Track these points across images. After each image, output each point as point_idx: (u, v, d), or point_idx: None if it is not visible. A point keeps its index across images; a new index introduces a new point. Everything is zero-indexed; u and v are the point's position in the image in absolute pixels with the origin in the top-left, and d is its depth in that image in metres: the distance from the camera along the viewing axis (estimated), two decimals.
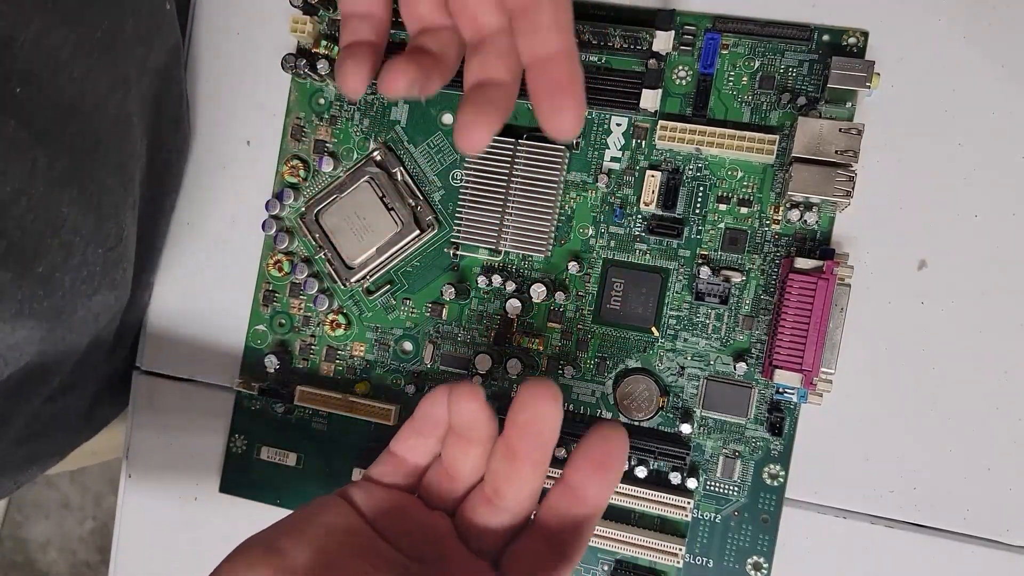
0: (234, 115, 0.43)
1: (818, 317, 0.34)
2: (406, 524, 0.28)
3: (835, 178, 0.34)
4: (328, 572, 0.25)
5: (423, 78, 0.28)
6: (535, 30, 0.27)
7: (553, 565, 0.26)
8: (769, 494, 0.37)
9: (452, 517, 0.29)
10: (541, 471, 0.27)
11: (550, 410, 0.26)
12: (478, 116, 0.27)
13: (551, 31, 0.27)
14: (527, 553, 0.27)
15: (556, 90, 0.27)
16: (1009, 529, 0.35)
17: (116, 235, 0.36)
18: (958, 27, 0.36)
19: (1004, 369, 0.35)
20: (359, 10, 0.31)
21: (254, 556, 0.26)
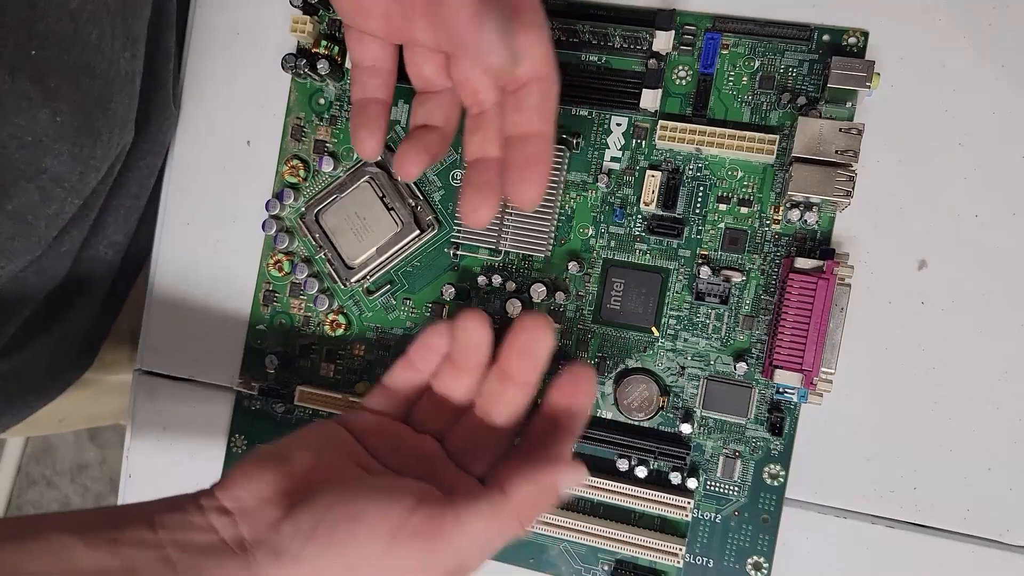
0: (234, 115, 0.43)
1: (818, 317, 0.34)
2: (397, 444, 0.31)
3: (835, 178, 0.34)
4: (325, 474, 0.29)
5: (432, 159, 0.32)
6: (521, 109, 0.30)
7: (534, 470, 0.28)
8: (769, 494, 0.37)
9: (441, 442, 0.32)
10: (528, 392, 0.31)
11: (544, 336, 0.30)
12: (482, 200, 0.31)
13: (534, 113, 0.30)
14: (510, 466, 0.29)
15: (527, 165, 0.30)
16: (1009, 529, 0.35)
17: (100, 190, 0.37)
18: (958, 27, 0.36)
19: (1004, 369, 0.35)
20: (367, 62, 0.33)
21: (263, 460, 0.29)
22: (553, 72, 0.31)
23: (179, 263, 0.43)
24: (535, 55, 0.30)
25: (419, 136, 0.32)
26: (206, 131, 0.43)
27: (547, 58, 0.30)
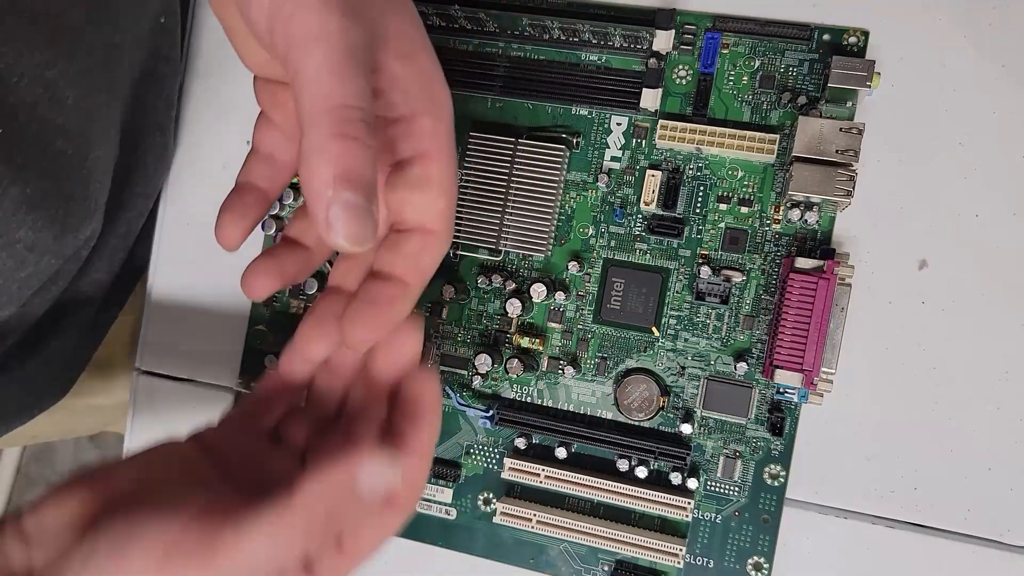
0: (234, 115, 0.43)
1: (819, 317, 0.34)
2: (252, 454, 0.28)
3: (836, 178, 0.34)
4: (147, 494, 0.25)
5: (287, 283, 0.29)
6: (394, 250, 0.27)
7: (321, 464, 0.24)
8: (770, 494, 0.37)
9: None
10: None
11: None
12: (320, 334, 0.28)
13: (406, 260, 0.27)
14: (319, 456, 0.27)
15: (369, 304, 0.27)
16: (1010, 529, 0.35)
17: (77, 254, 0.35)
18: (959, 27, 0.36)
19: (1005, 369, 0.35)
20: (265, 146, 0.30)
21: (77, 480, 0.26)
22: (445, 231, 0.27)
23: (179, 263, 0.43)
24: (424, 210, 0.27)
25: (278, 254, 0.29)
26: (206, 131, 0.43)
27: (441, 215, 0.27)
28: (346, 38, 0.23)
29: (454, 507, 0.40)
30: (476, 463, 0.40)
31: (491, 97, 0.40)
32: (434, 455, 0.40)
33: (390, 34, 0.26)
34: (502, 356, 0.39)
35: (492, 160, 0.38)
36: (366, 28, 0.24)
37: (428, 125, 0.27)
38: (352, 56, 0.24)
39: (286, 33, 0.24)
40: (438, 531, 0.40)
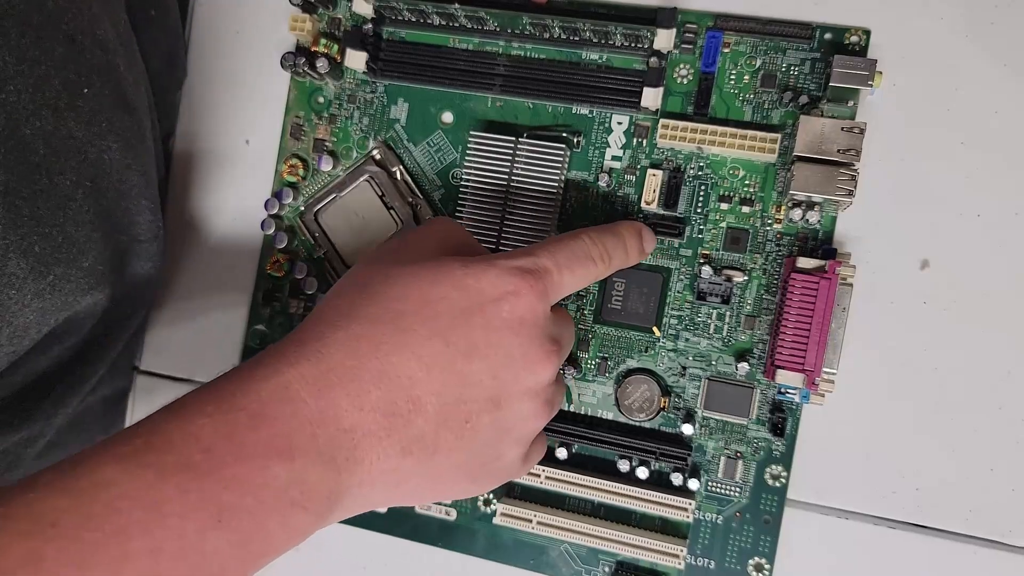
0: (233, 114, 0.43)
1: (820, 317, 0.34)
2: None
3: (837, 177, 0.34)
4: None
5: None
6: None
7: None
8: (771, 495, 0.37)
9: None
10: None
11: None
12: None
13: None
14: None
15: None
16: (1012, 530, 0.35)
17: (60, 284, 0.33)
18: (961, 25, 0.36)
19: (1007, 369, 0.35)
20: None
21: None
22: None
23: (178, 263, 0.43)
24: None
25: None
26: (205, 130, 0.43)
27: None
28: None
29: (454, 508, 0.40)
30: None
31: (491, 96, 0.39)
32: None
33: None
34: None
35: (492, 159, 0.38)
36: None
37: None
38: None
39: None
40: (438, 532, 0.40)
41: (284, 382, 0.26)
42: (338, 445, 0.26)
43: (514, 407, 0.29)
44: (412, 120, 0.40)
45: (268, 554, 0.25)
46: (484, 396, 0.28)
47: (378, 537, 0.40)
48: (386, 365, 0.27)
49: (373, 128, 0.41)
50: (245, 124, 0.42)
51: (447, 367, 0.28)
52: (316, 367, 0.26)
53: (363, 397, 0.26)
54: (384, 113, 0.41)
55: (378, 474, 0.27)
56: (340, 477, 0.26)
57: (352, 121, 0.41)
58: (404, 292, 0.28)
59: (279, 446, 0.25)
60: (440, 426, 0.28)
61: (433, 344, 0.27)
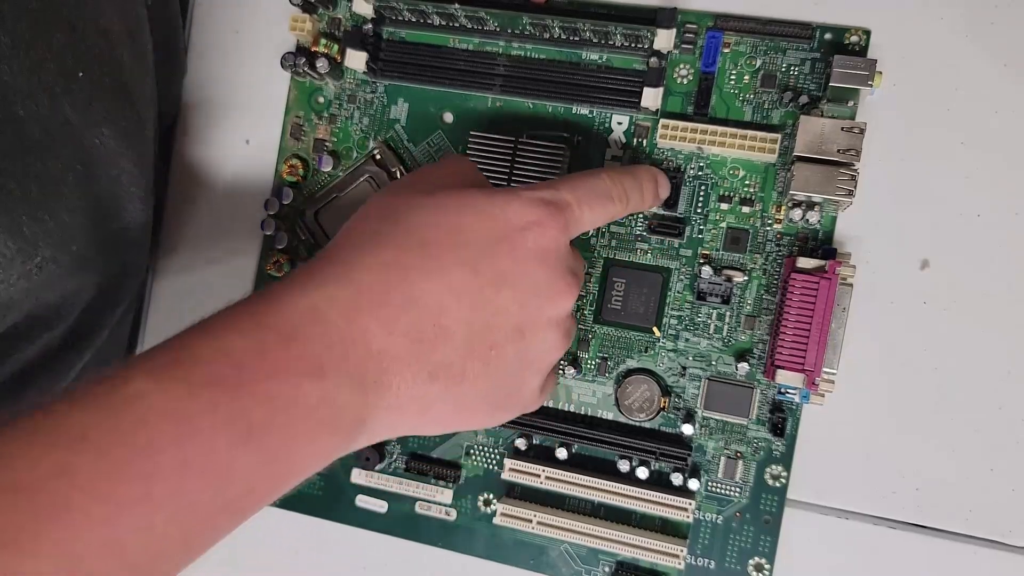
0: (233, 114, 0.43)
1: (820, 317, 0.34)
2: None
3: (837, 177, 0.34)
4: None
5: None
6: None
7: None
8: (771, 495, 0.37)
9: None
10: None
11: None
12: None
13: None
14: None
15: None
16: (1012, 530, 0.35)
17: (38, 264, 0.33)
18: (961, 25, 0.36)
19: (1007, 369, 0.35)
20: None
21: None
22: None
23: (178, 263, 0.43)
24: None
25: None
26: (205, 130, 0.43)
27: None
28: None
29: (454, 508, 0.40)
30: (476, 464, 0.40)
31: (491, 96, 0.39)
32: (434, 455, 0.40)
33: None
34: None
35: (492, 159, 0.38)
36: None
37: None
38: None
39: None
40: (438, 532, 0.40)
41: (313, 303, 0.26)
42: (367, 368, 0.26)
43: (538, 336, 0.30)
44: (412, 120, 0.40)
45: (293, 476, 0.25)
46: (511, 325, 0.29)
47: (378, 537, 0.40)
48: (415, 291, 0.27)
49: (373, 128, 0.41)
50: (245, 124, 0.42)
51: (476, 295, 0.28)
52: (346, 290, 0.26)
53: (392, 322, 0.27)
54: (384, 113, 0.41)
55: (405, 399, 0.27)
56: (368, 400, 0.26)
57: (352, 121, 0.41)
58: (432, 220, 0.29)
59: (310, 365, 0.25)
60: (467, 354, 0.28)
61: (462, 272, 0.28)
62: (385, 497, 0.40)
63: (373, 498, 0.40)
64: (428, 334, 0.27)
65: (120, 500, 0.21)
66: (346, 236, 0.29)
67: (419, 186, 0.31)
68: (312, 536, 0.41)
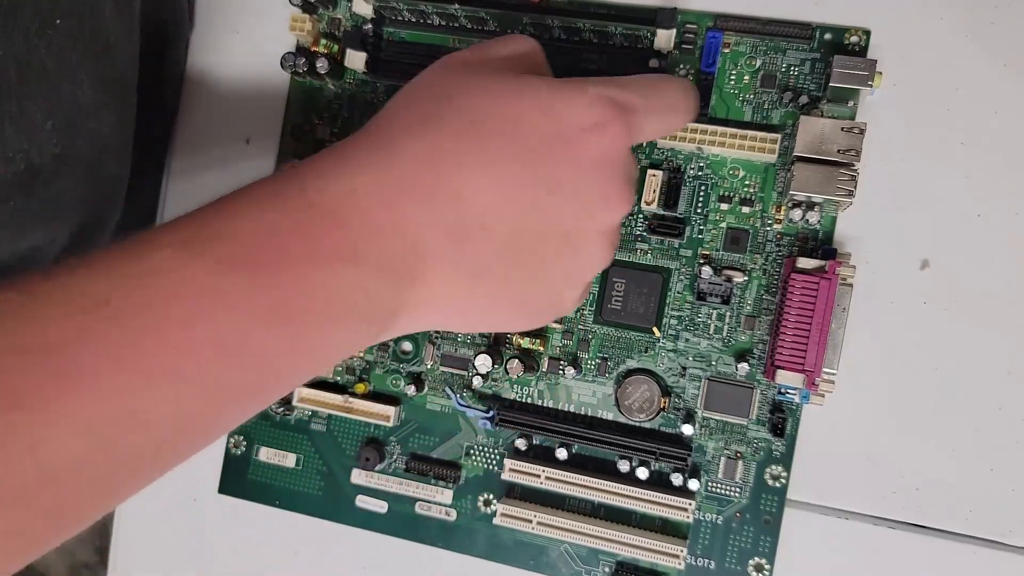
0: (234, 114, 0.43)
1: (820, 317, 0.34)
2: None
3: (837, 177, 0.34)
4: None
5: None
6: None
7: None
8: (771, 495, 0.37)
9: None
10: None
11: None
12: None
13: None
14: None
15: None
16: (1012, 530, 0.35)
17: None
18: (961, 25, 0.36)
19: (1007, 369, 0.35)
20: None
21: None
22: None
23: None
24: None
25: None
26: (205, 130, 0.43)
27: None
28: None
29: (454, 508, 0.40)
30: (476, 464, 0.40)
31: None
32: (434, 456, 0.40)
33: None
34: (502, 357, 0.39)
35: None
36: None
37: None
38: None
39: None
40: (438, 532, 0.40)
41: (353, 187, 0.24)
42: (405, 260, 0.25)
43: (587, 248, 0.28)
44: None
45: (323, 364, 0.25)
46: (559, 233, 0.27)
47: (378, 537, 0.40)
48: (463, 185, 0.25)
49: None
50: (245, 124, 0.42)
51: (527, 197, 0.26)
52: (389, 175, 0.25)
53: (436, 216, 0.25)
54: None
55: (440, 296, 0.26)
56: (403, 292, 0.25)
57: (352, 122, 0.41)
58: (489, 107, 0.26)
59: (349, 252, 0.24)
60: (510, 257, 0.27)
61: (516, 170, 0.26)
62: (385, 497, 0.40)
63: (373, 498, 0.40)
64: (473, 232, 0.25)
65: (148, 371, 0.20)
66: (392, 114, 0.27)
67: (479, 65, 0.28)
68: (312, 536, 0.41)
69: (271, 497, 0.41)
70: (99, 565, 1.23)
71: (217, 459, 0.42)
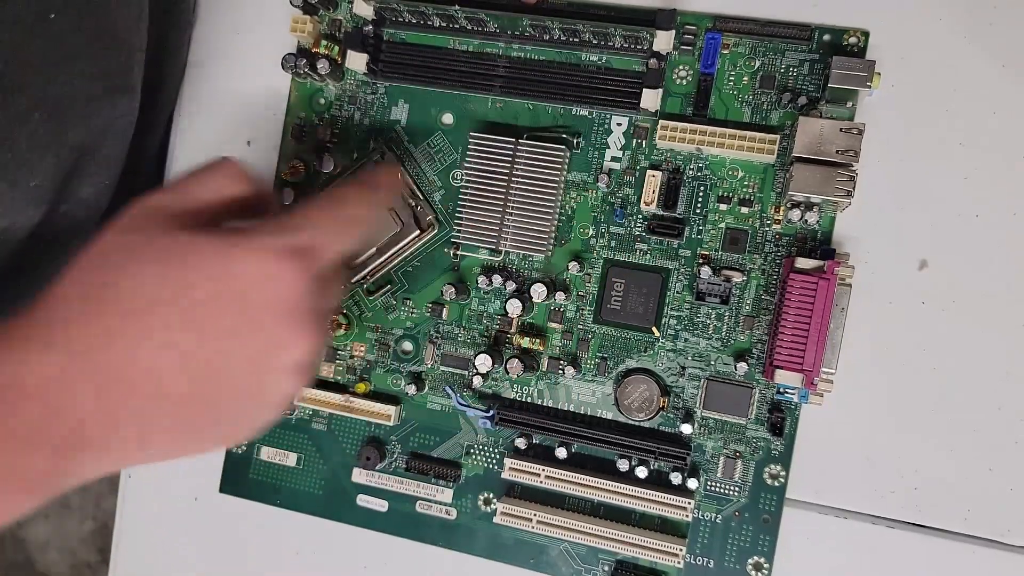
0: (235, 115, 0.43)
1: (819, 317, 0.34)
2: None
3: (836, 178, 0.34)
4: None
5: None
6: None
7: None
8: (770, 494, 0.37)
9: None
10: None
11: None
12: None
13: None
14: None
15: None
16: (1010, 529, 0.35)
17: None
18: (960, 26, 0.36)
19: (1006, 369, 0.35)
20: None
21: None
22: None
23: None
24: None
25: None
26: (206, 131, 0.43)
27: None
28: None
29: (454, 507, 0.40)
30: (476, 463, 0.40)
31: (491, 97, 0.40)
32: (434, 455, 0.40)
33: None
34: (502, 356, 0.39)
35: (493, 160, 0.38)
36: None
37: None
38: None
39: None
40: (438, 531, 0.40)
41: (16, 370, 0.25)
42: (74, 436, 0.26)
43: (272, 387, 0.29)
44: (412, 121, 0.40)
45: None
46: (242, 384, 0.28)
47: (378, 537, 0.41)
48: (134, 358, 0.26)
49: (374, 129, 0.41)
50: (246, 125, 0.43)
51: (203, 357, 0.27)
52: (57, 356, 0.25)
53: (106, 390, 0.26)
54: (385, 114, 0.41)
55: (117, 454, 0.27)
56: (70, 465, 0.26)
57: (353, 122, 0.41)
58: (159, 274, 0.27)
59: (10, 436, 0.24)
60: (191, 410, 0.27)
61: (187, 335, 0.27)
62: (386, 496, 0.40)
63: (374, 497, 0.41)
64: (148, 398, 0.26)
65: None
66: (70, 284, 0.27)
67: (167, 220, 0.29)
68: (313, 535, 0.42)
69: (272, 496, 0.42)
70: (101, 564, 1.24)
71: (218, 459, 0.42)
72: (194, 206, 0.30)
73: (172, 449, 0.29)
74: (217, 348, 0.27)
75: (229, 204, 0.31)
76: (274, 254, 0.28)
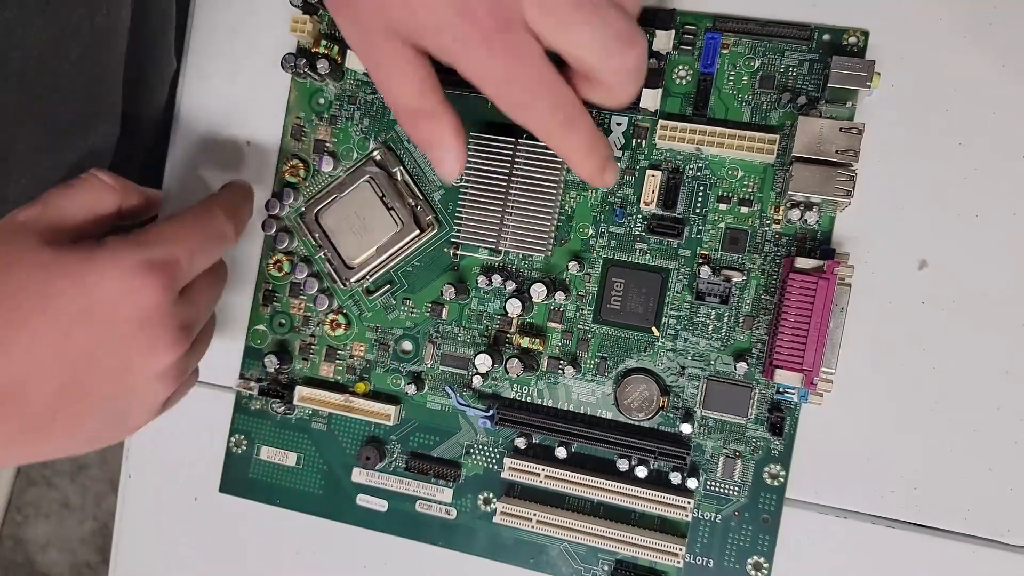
0: (234, 115, 0.43)
1: (819, 317, 0.34)
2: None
3: (835, 178, 0.34)
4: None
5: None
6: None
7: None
8: (770, 494, 0.37)
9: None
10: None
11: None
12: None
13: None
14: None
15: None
16: (1010, 529, 0.35)
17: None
18: (959, 26, 0.36)
19: (1005, 369, 0.35)
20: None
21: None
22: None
23: None
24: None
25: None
26: (206, 131, 0.43)
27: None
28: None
29: (454, 507, 0.40)
30: (476, 463, 0.40)
31: None
32: (434, 454, 0.40)
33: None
34: (502, 356, 0.39)
35: (492, 160, 0.38)
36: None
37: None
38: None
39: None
40: (438, 531, 0.40)
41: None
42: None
43: (139, 394, 0.30)
44: None
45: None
46: (107, 392, 0.29)
47: (378, 537, 0.41)
48: (2, 364, 0.27)
49: (373, 129, 0.41)
50: (246, 125, 0.43)
51: (68, 364, 0.28)
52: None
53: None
54: (384, 114, 0.41)
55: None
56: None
57: (352, 122, 0.41)
58: (24, 285, 0.28)
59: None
60: (55, 413, 0.29)
61: (53, 343, 0.28)
62: (385, 496, 0.40)
63: (373, 497, 0.41)
64: (12, 399, 0.28)
65: None
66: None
67: (31, 236, 0.30)
68: (313, 535, 0.42)
69: (272, 496, 0.42)
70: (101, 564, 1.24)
71: (218, 459, 0.42)
72: (61, 222, 0.30)
73: (39, 451, 0.30)
74: (80, 358, 0.28)
75: (106, 217, 0.32)
76: (132, 268, 0.29)
